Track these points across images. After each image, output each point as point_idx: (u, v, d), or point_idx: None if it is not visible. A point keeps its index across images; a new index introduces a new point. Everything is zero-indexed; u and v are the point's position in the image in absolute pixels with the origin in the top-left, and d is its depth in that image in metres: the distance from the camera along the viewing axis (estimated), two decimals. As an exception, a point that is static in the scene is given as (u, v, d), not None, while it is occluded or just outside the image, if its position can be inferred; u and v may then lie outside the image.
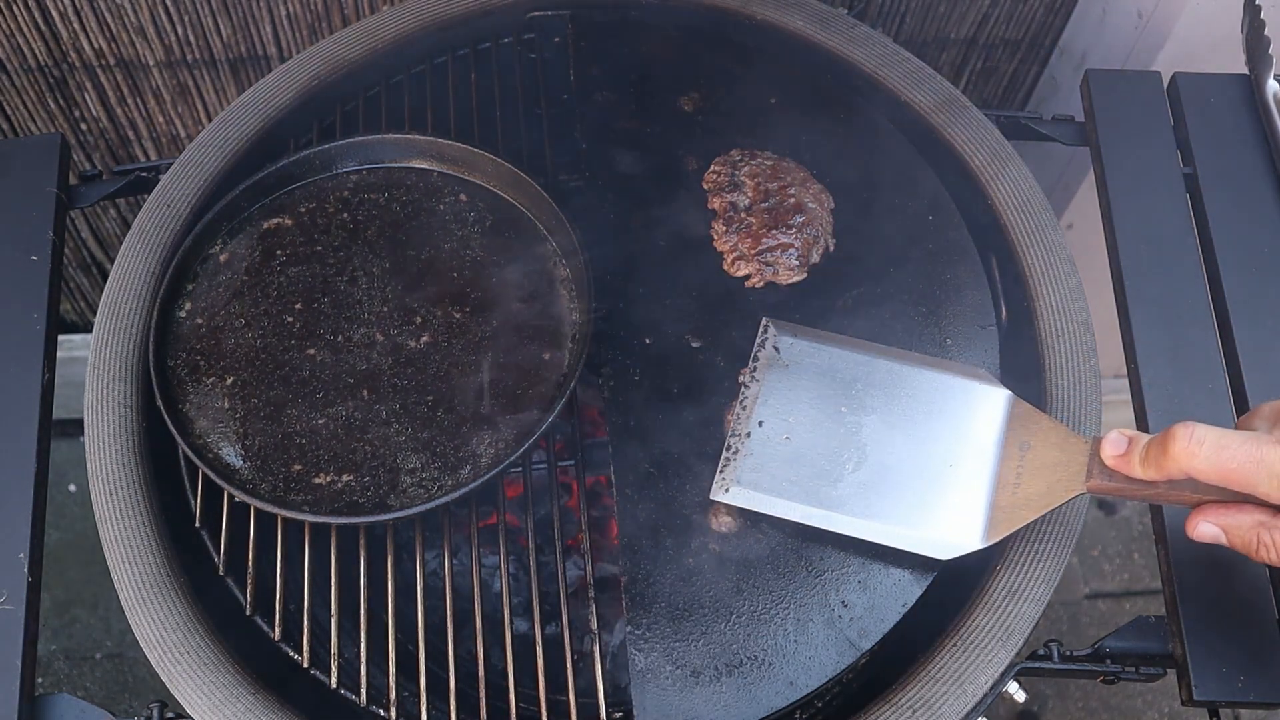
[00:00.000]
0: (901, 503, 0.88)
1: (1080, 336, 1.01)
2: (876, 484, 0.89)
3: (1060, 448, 0.85)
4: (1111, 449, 0.77)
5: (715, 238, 1.03)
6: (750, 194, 1.03)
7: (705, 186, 1.06)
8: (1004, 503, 0.86)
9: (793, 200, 1.02)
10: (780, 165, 1.05)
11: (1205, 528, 0.74)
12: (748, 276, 1.01)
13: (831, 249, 1.03)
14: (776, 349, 0.96)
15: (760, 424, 0.93)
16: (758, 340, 0.96)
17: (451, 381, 0.95)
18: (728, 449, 0.92)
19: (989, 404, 0.90)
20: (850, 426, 0.92)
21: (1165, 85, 1.12)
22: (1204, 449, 0.71)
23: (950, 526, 0.87)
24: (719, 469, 0.91)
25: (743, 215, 1.02)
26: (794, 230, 1.01)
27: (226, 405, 0.93)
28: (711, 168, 1.06)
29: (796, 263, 1.01)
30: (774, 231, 1.01)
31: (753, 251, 1.01)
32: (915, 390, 0.93)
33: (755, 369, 0.95)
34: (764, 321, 0.97)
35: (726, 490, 0.90)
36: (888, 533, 0.88)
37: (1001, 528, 0.85)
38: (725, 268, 1.02)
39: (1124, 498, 0.82)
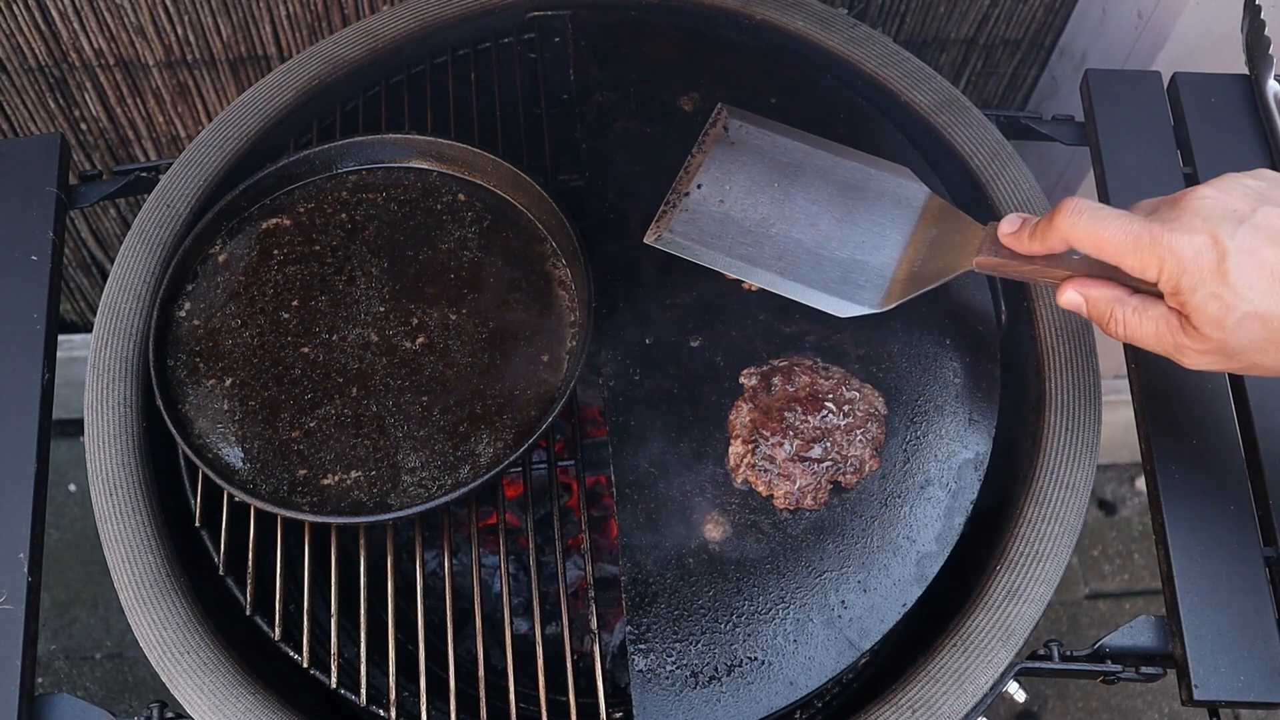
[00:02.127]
0: (815, 267, 0.98)
1: (1080, 336, 1.01)
2: (794, 250, 0.99)
3: (961, 233, 0.94)
4: (1006, 227, 0.86)
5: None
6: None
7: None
8: (903, 276, 0.95)
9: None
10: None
11: (1071, 295, 0.82)
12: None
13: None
14: (725, 129, 1.06)
15: (699, 187, 1.03)
16: (709, 120, 1.06)
17: (447, 383, 0.95)
18: (665, 203, 1.02)
19: (907, 195, 1.00)
20: (779, 200, 1.01)
21: (1165, 85, 1.12)
22: (1083, 219, 0.77)
23: (854, 290, 0.96)
24: (654, 219, 1.01)
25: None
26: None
27: (226, 407, 0.93)
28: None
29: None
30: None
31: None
32: (845, 177, 1.02)
33: (703, 143, 1.05)
34: (719, 105, 1.07)
35: (658, 237, 1.00)
36: (797, 290, 0.97)
37: (895, 296, 0.95)
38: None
39: (1005, 274, 0.89)
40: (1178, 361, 0.78)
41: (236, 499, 0.91)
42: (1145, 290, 0.79)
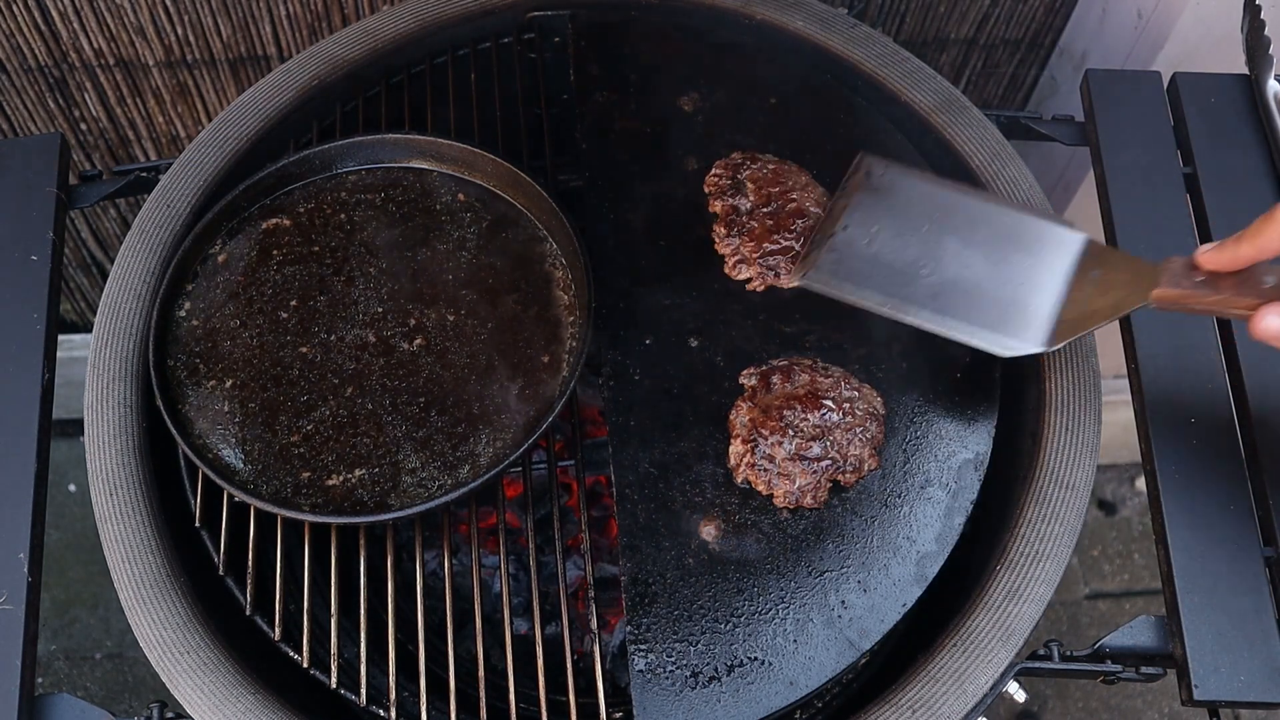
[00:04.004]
0: (973, 306, 0.92)
1: (1080, 337, 1.01)
2: (949, 289, 0.93)
3: (1132, 270, 0.88)
4: (1206, 248, 0.80)
5: (716, 241, 1.03)
6: (752, 197, 1.03)
7: (706, 190, 1.05)
8: (1070, 316, 0.90)
9: (794, 204, 1.02)
10: (782, 169, 1.05)
11: (1271, 321, 0.76)
12: (749, 279, 1.01)
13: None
14: (868, 175, 1.00)
15: (845, 228, 0.97)
16: (851, 168, 1.01)
17: (444, 384, 0.95)
18: (810, 244, 0.98)
19: (1066, 239, 0.93)
20: (930, 243, 0.95)
21: (1165, 85, 1.12)
22: None
23: (1017, 329, 0.91)
24: (800, 259, 0.97)
25: (744, 219, 1.02)
26: (796, 234, 1.01)
27: (226, 408, 0.93)
28: (713, 170, 1.06)
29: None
30: (776, 236, 1.00)
31: (754, 255, 1.00)
32: (997, 222, 0.96)
33: (845, 188, 1.00)
34: (860, 154, 1.02)
35: (805, 275, 0.95)
36: (956, 327, 0.92)
37: (1065, 334, 0.89)
38: (727, 271, 1.01)
39: (1188, 308, 0.83)
40: None
41: (237, 499, 0.91)
42: None
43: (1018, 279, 0.93)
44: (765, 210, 1.02)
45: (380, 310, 0.98)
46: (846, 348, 0.99)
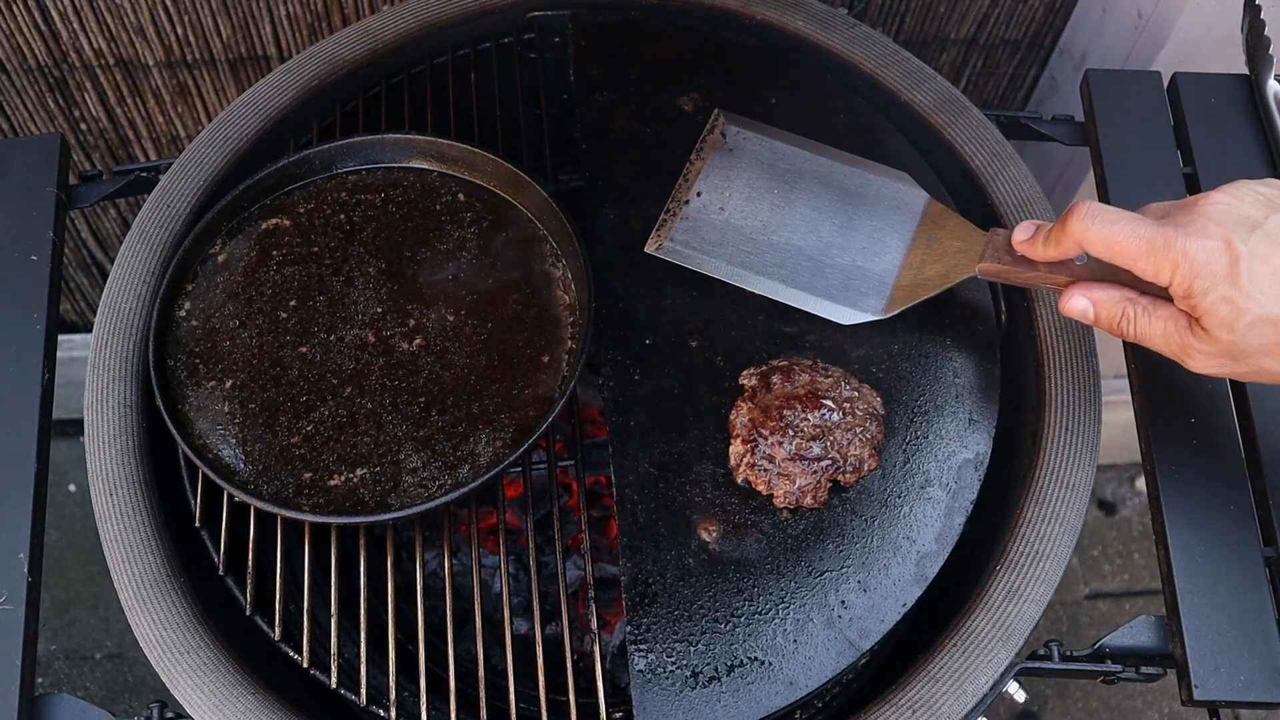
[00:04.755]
0: (817, 275, 0.98)
1: (1080, 336, 1.01)
2: (796, 257, 0.99)
3: (962, 238, 0.94)
4: (1021, 234, 0.85)
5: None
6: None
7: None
8: (905, 283, 0.95)
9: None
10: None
11: (1078, 300, 0.82)
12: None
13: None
14: (724, 135, 1.06)
15: (699, 195, 1.02)
16: (707, 126, 1.06)
17: (444, 384, 0.95)
18: (665, 212, 1.02)
19: (907, 200, 1.00)
20: (780, 207, 1.01)
21: (1165, 85, 1.12)
22: (1096, 223, 0.77)
23: (856, 297, 0.96)
24: (655, 229, 1.01)
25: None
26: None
27: (226, 409, 0.93)
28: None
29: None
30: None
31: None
32: (844, 183, 1.02)
33: (701, 150, 1.05)
34: (715, 111, 1.07)
35: (659, 246, 1.00)
36: (799, 298, 0.97)
37: (898, 302, 0.95)
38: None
39: (1008, 281, 0.89)
40: (1184, 364, 0.79)
41: (237, 499, 0.91)
42: (1152, 292, 0.79)
43: (860, 244, 0.99)
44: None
45: (380, 310, 0.98)
46: (846, 348, 0.99)
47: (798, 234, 1.00)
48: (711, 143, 1.05)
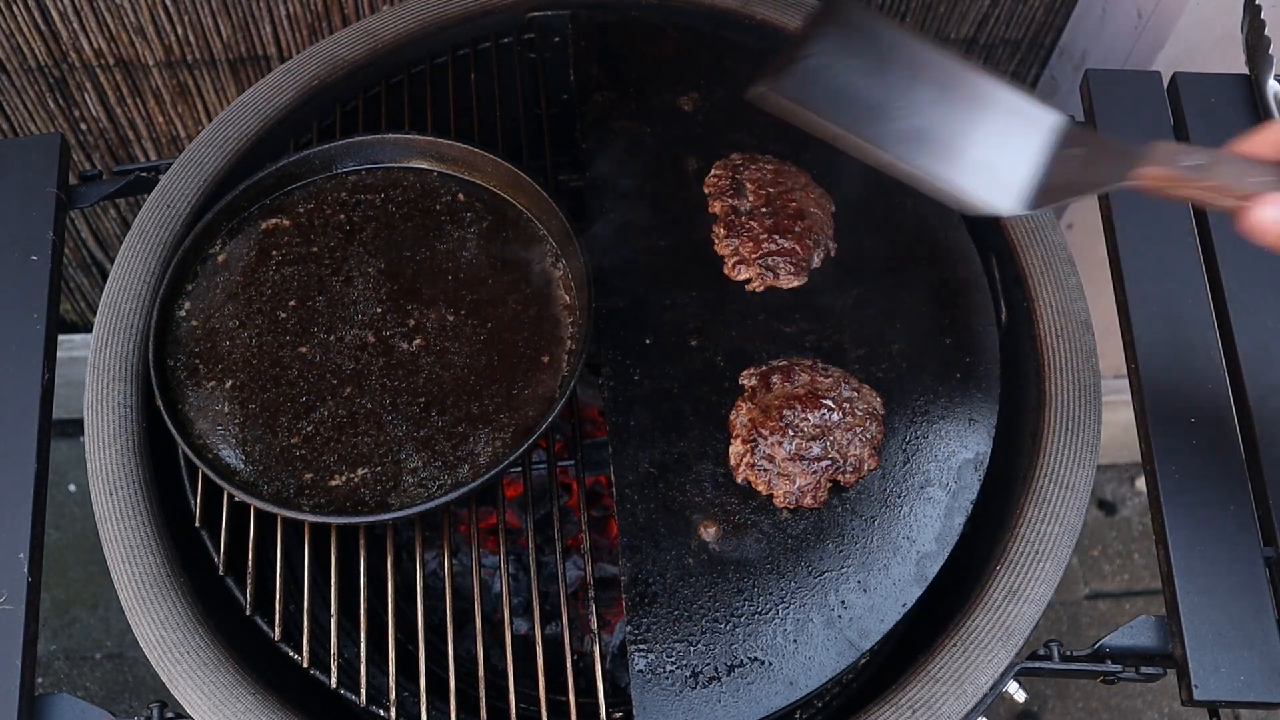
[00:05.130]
0: (945, 157, 0.83)
1: (1080, 336, 1.01)
2: (921, 136, 0.84)
3: (1114, 149, 0.81)
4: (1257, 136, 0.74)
5: (716, 241, 1.03)
6: (751, 198, 1.03)
7: (706, 190, 1.05)
8: (1052, 184, 0.82)
9: (794, 205, 1.02)
10: (782, 170, 1.05)
11: (1269, 210, 0.71)
12: (749, 280, 1.01)
13: (833, 253, 1.03)
14: (838, 12, 0.89)
15: (813, 56, 0.86)
16: (819, 9, 0.92)
17: (443, 384, 0.95)
18: (770, 66, 0.85)
19: (1044, 117, 0.85)
20: (903, 88, 0.86)
21: (1165, 85, 1.12)
22: None
23: (995, 186, 0.82)
24: (760, 76, 0.84)
25: (744, 220, 1.02)
26: (795, 236, 1.01)
27: (226, 409, 0.93)
28: (713, 171, 1.06)
29: (795, 267, 1.01)
30: (775, 236, 1.00)
31: (754, 256, 1.00)
32: (976, 86, 0.87)
33: (813, 23, 0.89)
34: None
35: (765, 87, 0.83)
36: (929, 171, 0.82)
37: (1044, 201, 0.81)
38: (726, 271, 1.01)
39: (1169, 194, 0.77)
40: None
41: (237, 499, 0.91)
42: None
43: (995, 140, 0.84)
44: (764, 211, 1.02)
45: (380, 310, 0.98)
46: (846, 348, 0.99)
47: (924, 117, 0.85)
48: (826, 14, 0.90)
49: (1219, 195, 0.75)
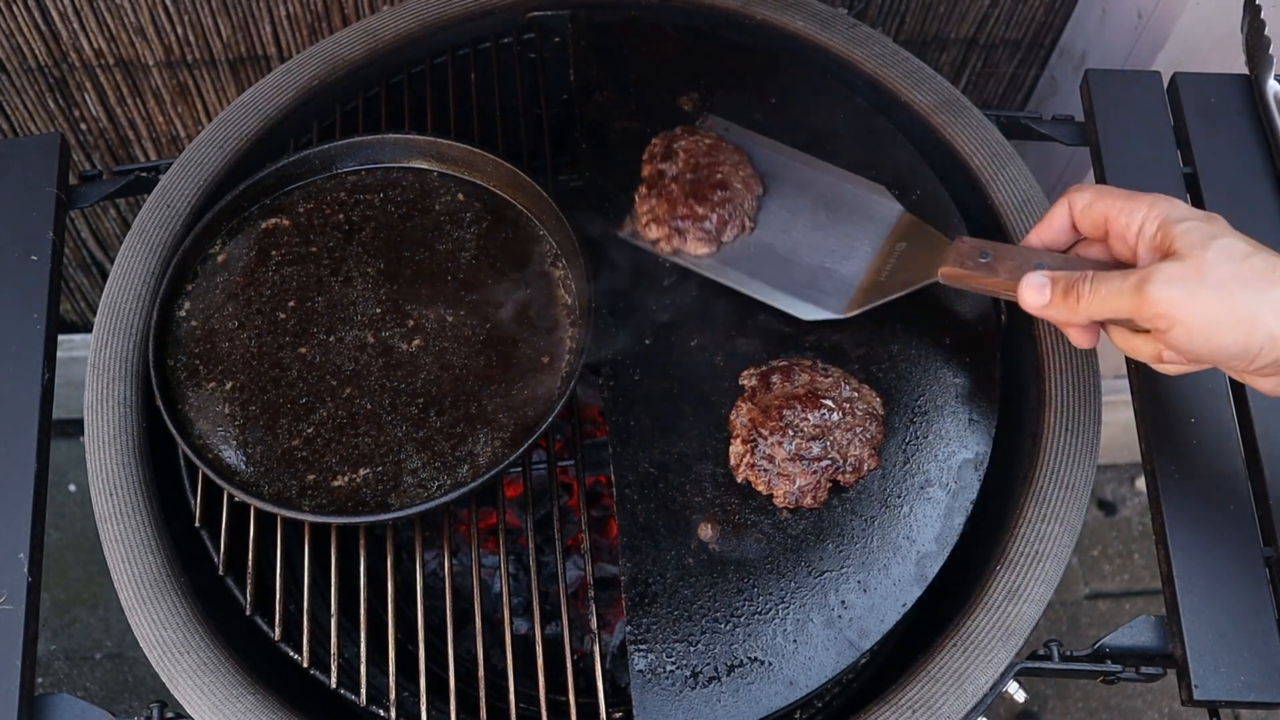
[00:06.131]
0: (783, 272, 1.00)
1: (1080, 336, 1.01)
2: (765, 253, 1.01)
3: (930, 248, 0.95)
4: (1034, 298, 0.83)
5: (636, 200, 1.04)
6: (680, 164, 1.03)
7: (643, 157, 1.06)
8: (867, 285, 0.97)
9: (719, 177, 1.02)
10: (718, 145, 1.05)
11: (1033, 276, 0.83)
12: (657, 240, 1.02)
13: (749, 233, 1.02)
14: (710, 129, 1.07)
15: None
16: (696, 124, 1.09)
17: (442, 384, 0.95)
18: (638, 196, 1.03)
19: (881, 211, 1.02)
20: (760, 207, 1.03)
21: (1165, 85, 1.12)
22: (1086, 191, 0.83)
23: (819, 295, 0.98)
24: (629, 215, 1.03)
25: (667, 183, 1.03)
26: (710, 204, 1.01)
27: (226, 410, 0.93)
28: (653, 140, 1.07)
29: (704, 234, 1.01)
30: (691, 201, 1.01)
31: (667, 216, 1.01)
32: (822, 191, 1.04)
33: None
34: (705, 114, 1.10)
35: (632, 231, 1.03)
36: (762, 290, 0.99)
37: (859, 303, 0.97)
38: (639, 229, 1.03)
39: (969, 287, 0.91)
40: (1138, 313, 0.77)
41: (237, 499, 0.91)
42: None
43: (830, 246, 1.01)
44: (689, 177, 1.02)
45: (379, 311, 0.98)
46: (846, 348, 0.99)
47: (770, 233, 1.02)
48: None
49: (999, 289, 0.88)
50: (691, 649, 0.86)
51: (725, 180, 1.02)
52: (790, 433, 0.91)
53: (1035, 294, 0.82)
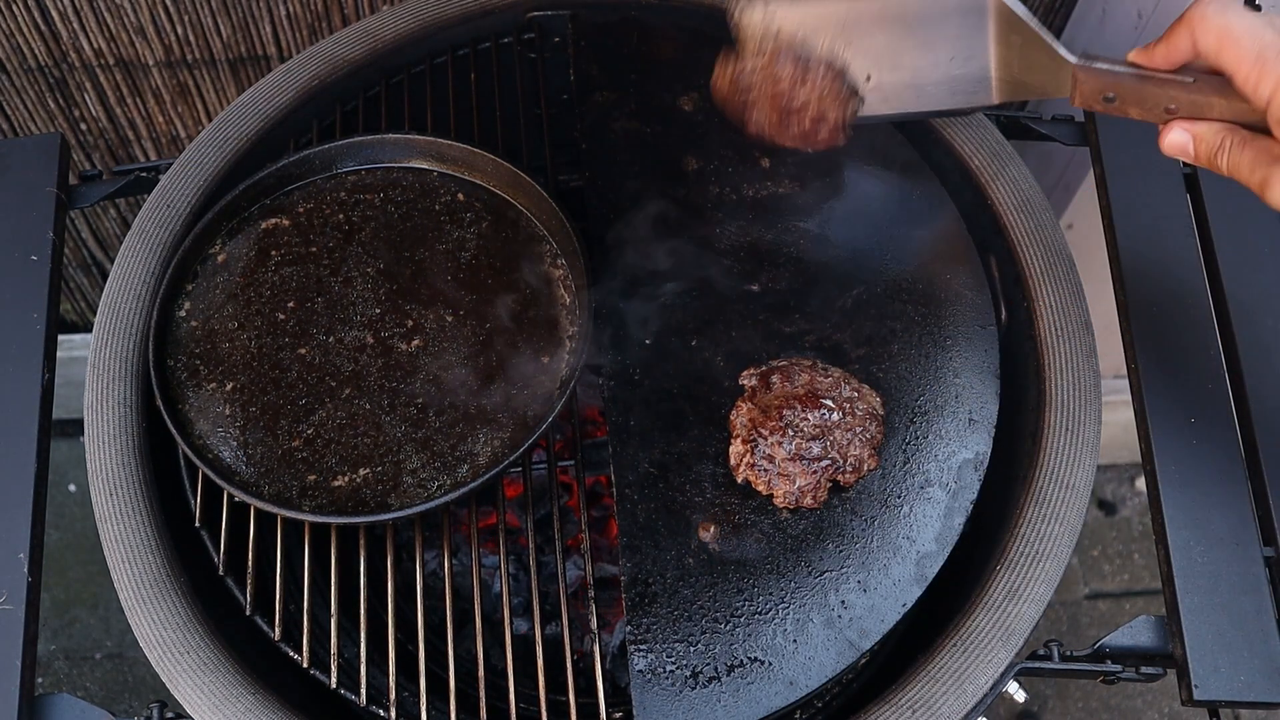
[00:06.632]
0: (921, 97, 0.91)
1: (1080, 336, 1.01)
2: (897, 89, 0.91)
3: (1049, 57, 0.86)
4: (1135, 52, 0.80)
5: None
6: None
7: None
8: (1006, 78, 0.89)
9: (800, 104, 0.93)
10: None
11: (1177, 134, 0.79)
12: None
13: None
14: None
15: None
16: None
17: (442, 384, 0.95)
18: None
19: (973, 3, 0.89)
20: (855, 50, 0.91)
21: (1165, 85, 1.12)
22: (1214, 8, 0.75)
23: (965, 96, 0.90)
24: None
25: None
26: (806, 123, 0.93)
27: (227, 411, 0.93)
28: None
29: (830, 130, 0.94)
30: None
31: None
32: (903, 6, 0.91)
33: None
34: None
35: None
36: (912, 114, 0.92)
37: (1004, 94, 0.90)
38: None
39: (1102, 108, 0.84)
40: (1264, 195, 0.76)
41: (237, 499, 0.91)
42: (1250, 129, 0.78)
43: (947, 56, 0.91)
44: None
45: (379, 311, 0.98)
46: (846, 348, 0.99)
47: (883, 70, 0.91)
48: None
49: (1140, 111, 0.82)
50: (691, 649, 0.86)
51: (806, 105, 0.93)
52: (790, 433, 0.91)
53: (1178, 152, 0.80)
